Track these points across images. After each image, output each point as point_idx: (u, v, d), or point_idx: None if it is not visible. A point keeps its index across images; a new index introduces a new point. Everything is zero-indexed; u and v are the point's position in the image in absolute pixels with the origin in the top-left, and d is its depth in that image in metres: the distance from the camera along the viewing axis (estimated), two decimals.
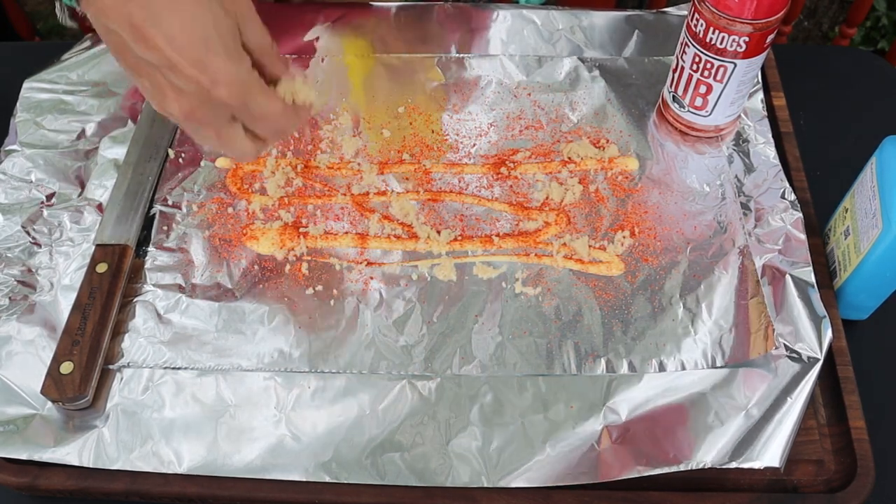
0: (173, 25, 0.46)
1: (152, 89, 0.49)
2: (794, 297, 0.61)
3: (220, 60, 0.47)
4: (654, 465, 0.54)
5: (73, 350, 0.58)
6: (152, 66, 0.47)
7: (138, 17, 0.46)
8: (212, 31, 0.47)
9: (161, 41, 0.46)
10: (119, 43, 0.47)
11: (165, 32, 0.46)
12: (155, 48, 0.46)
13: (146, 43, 0.46)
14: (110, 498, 0.56)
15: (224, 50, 0.47)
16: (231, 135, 0.51)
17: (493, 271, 0.64)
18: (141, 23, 0.46)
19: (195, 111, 0.48)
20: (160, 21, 0.46)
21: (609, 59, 0.77)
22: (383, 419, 0.57)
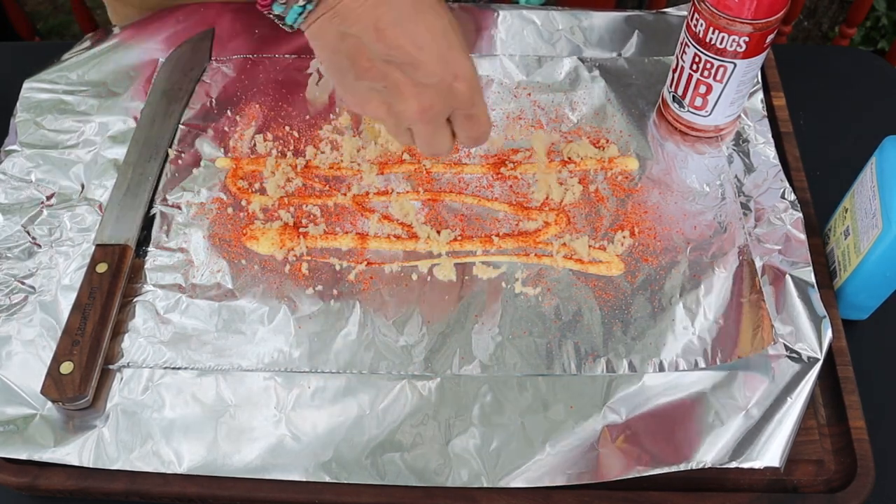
0: (419, 25, 0.50)
1: (388, 87, 0.52)
2: (794, 297, 0.61)
3: (461, 56, 0.52)
4: (654, 465, 0.54)
5: (73, 350, 0.58)
6: (391, 65, 0.51)
7: (385, 20, 0.50)
8: (450, 30, 0.52)
9: (406, 40, 0.50)
10: (355, 47, 0.51)
11: (411, 32, 0.50)
12: (399, 47, 0.50)
13: (389, 43, 0.50)
14: (110, 498, 0.56)
15: (462, 48, 0.52)
16: (443, 133, 0.55)
17: (493, 271, 0.64)
18: (387, 25, 0.50)
19: (433, 106, 0.52)
20: (405, 22, 0.50)
21: (609, 59, 0.78)
22: (383, 419, 0.57)
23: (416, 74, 0.51)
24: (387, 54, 0.50)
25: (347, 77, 0.53)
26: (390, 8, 0.50)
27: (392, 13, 0.50)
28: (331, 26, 0.51)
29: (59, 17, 1.88)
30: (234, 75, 0.76)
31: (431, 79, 0.51)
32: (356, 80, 0.53)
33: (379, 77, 0.52)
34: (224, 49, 0.78)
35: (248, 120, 0.73)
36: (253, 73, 0.76)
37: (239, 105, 0.74)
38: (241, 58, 0.78)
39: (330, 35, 0.51)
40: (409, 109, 0.52)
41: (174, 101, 0.74)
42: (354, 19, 0.50)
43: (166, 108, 0.73)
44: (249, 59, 0.77)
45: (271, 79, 0.76)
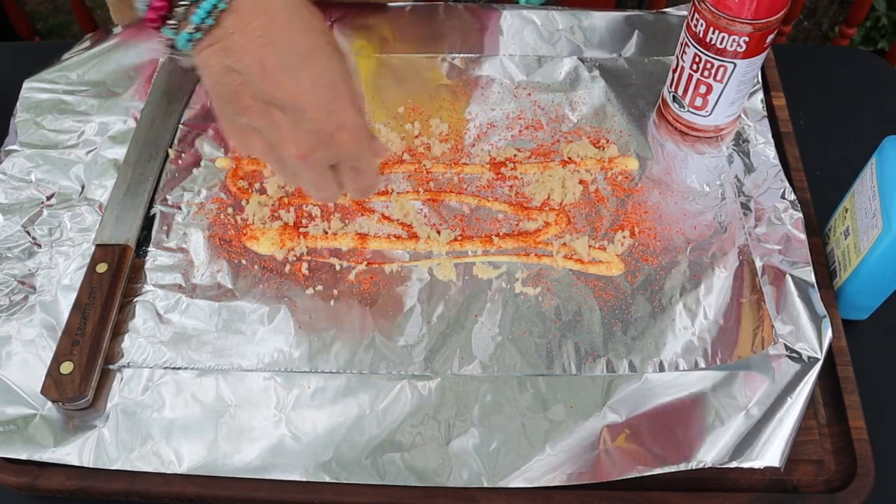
0: (305, 72, 0.49)
1: (268, 130, 0.51)
2: (795, 297, 0.61)
3: (347, 108, 0.51)
4: (654, 465, 0.54)
5: (73, 350, 0.58)
6: (274, 106, 0.50)
7: (273, 62, 0.48)
8: (340, 82, 0.51)
9: (292, 85, 0.49)
10: (237, 83, 0.49)
11: (296, 78, 0.49)
12: (282, 90, 0.49)
13: (275, 85, 0.49)
14: (110, 498, 0.56)
15: (350, 99, 0.51)
16: (327, 180, 0.54)
17: (493, 271, 0.64)
18: (273, 66, 0.48)
19: (312, 152, 0.51)
20: (292, 67, 0.49)
21: (609, 59, 0.77)
22: (383, 419, 0.57)
23: (298, 120, 0.50)
24: (270, 96, 0.49)
25: (229, 111, 0.52)
26: (279, 51, 0.49)
27: (280, 56, 0.49)
28: (217, 58, 0.49)
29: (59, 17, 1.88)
30: None
31: (312, 126, 0.50)
32: (237, 115, 0.51)
33: (259, 117, 0.50)
34: None
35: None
36: None
37: None
38: None
39: (216, 67, 0.50)
40: (289, 153, 0.51)
41: (174, 101, 0.74)
42: (240, 55, 0.49)
43: (166, 108, 0.73)
44: None
45: None
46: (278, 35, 0.49)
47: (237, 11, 0.48)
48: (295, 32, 0.49)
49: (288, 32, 0.49)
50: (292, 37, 0.49)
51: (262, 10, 0.48)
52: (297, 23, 0.50)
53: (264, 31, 0.48)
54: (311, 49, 0.50)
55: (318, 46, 0.50)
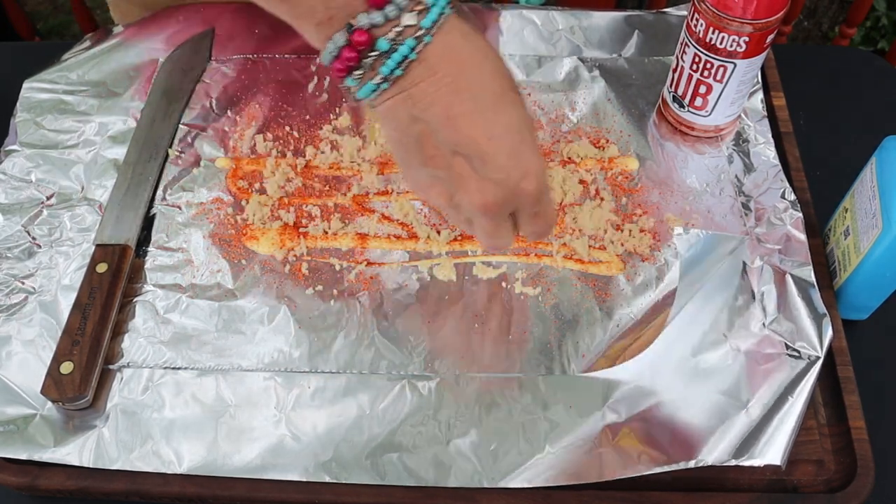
0: (494, 118, 0.48)
1: (451, 177, 0.49)
2: (795, 297, 0.61)
3: (532, 154, 0.49)
4: (654, 465, 0.54)
5: (73, 350, 0.58)
6: (459, 156, 0.48)
7: (459, 109, 0.47)
8: (526, 128, 0.49)
9: (478, 133, 0.47)
10: (424, 132, 0.48)
11: (484, 125, 0.47)
12: (469, 138, 0.47)
13: (460, 133, 0.47)
14: (110, 498, 0.56)
15: (534, 145, 0.49)
16: (505, 229, 0.52)
17: (493, 271, 0.64)
18: (460, 114, 0.47)
19: (497, 202, 0.49)
20: (480, 113, 0.47)
21: (609, 59, 0.78)
22: (383, 419, 0.57)
23: (483, 169, 0.48)
24: (456, 144, 0.48)
25: (412, 161, 0.51)
26: (466, 98, 0.47)
27: (467, 103, 0.47)
28: (403, 108, 0.48)
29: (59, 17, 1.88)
30: (234, 75, 0.76)
31: (499, 175, 0.48)
32: (421, 165, 0.50)
33: (444, 166, 0.49)
34: (224, 49, 0.78)
35: (248, 120, 0.73)
36: (253, 73, 0.76)
37: (239, 105, 0.74)
38: (241, 58, 0.78)
39: (401, 116, 0.49)
40: (472, 203, 0.49)
41: (174, 101, 0.74)
42: (427, 104, 0.47)
43: (166, 108, 0.73)
44: (249, 59, 0.77)
45: (271, 79, 0.76)
46: (466, 83, 0.47)
47: (426, 60, 0.47)
48: (484, 79, 0.48)
49: (477, 79, 0.48)
50: (481, 84, 0.48)
51: (451, 58, 0.47)
52: (487, 69, 0.48)
53: (453, 78, 0.47)
54: (498, 95, 0.48)
55: (504, 92, 0.49)
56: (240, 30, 0.79)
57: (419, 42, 0.46)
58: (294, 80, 0.76)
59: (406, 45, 0.46)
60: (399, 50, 0.46)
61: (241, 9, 0.80)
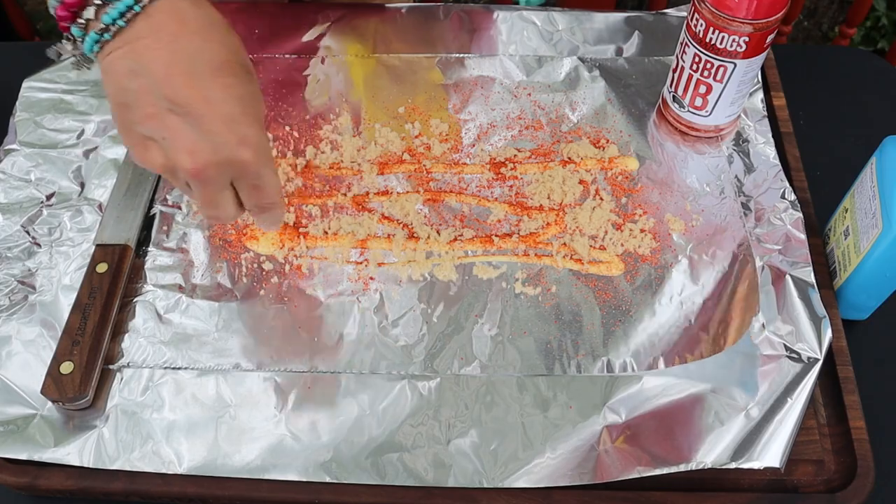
0: (214, 82, 0.48)
1: (165, 136, 0.49)
2: (795, 297, 0.61)
3: (252, 125, 0.49)
4: (654, 466, 0.54)
5: (73, 350, 0.58)
6: (175, 115, 0.48)
7: (180, 68, 0.47)
8: (248, 98, 0.50)
9: (196, 92, 0.47)
10: (143, 88, 0.48)
11: (203, 86, 0.48)
12: (186, 98, 0.47)
13: (177, 90, 0.47)
14: (110, 498, 0.56)
15: (256, 116, 0.50)
16: (224, 198, 0.52)
17: (493, 271, 0.64)
18: (181, 72, 0.47)
19: (208, 168, 0.49)
20: (202, 76, 0.48)
21: (609, 59, 0.78)
22: (383, 419, 0.57)
23: (198, 130, 0.48)
24: (172, 102, 0.48)
25: (130, 118, 0.49)
26: (189, 58, 0.48)
27: (189, 63, 0.48)
28: (123, 62, 0.48)
29: None
30: None
31: (213, 138, 0.48)
32: (137, 124, 0.49)
33: (160, 126, 0.48)
34: None
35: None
36: None
37: None
38: None
39: (121, 71, 0.48)
40: (184, 165, 0.49)
41: None
42: (149, 59, 0.47)
43: None
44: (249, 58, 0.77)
45: (271, 79, 0.76)
46: (190, 43, 0.48)
47: (150, 17, 0.47)
48: (207, 43, 0.49)
49: (200, 42, 0.48)
50: (204, 46, 0.48)
51: (176, 18, 0.48)
52: (213, 36, 0.49)
53: (176, 37, 0.48)
54: (222, 62, 0.49)
55: (229, 61, 0.49)
56: (240, 30, 0.79)
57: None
58: (294, 80, 0.76)
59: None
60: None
61: (241, 9, 0.80)
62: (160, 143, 0.49)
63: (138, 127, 0.49)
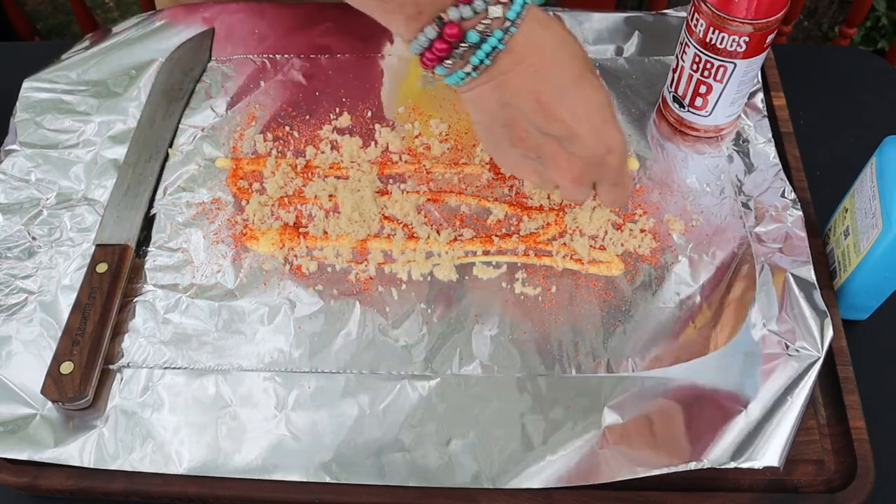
0: (578, 99, 0.52)
1: (542, 156, 0.55)
2: (795, 297, 0.61)
3: (614, 130, 0.54)
4: (653, 466, 0.54)
5: (73, 350, 0.58)
6: (547, 137, 0.53)
7: (546, 96, 0.52)
8: (605, 106, 0.54)
9: (566, 115, 0.52)
10: (513, 117, 0.53)
11: (570, 106, 0.52)
12: (558, 121, 0.52)
13: (549, 116, 0.52)
14: (110, 498, 0.56)
15: (614, 120, 0.54)
16: (587, 191, 0.58)
17: (494, 271, 0.64)
18: (548, 99, 0.52)
19: (584, 175, 0.55)
20: (565, 96, 0.52)
21: (609, 59, 0.78)
22: (383, 419, 0.57)
23: (571, 147, 0.53)
24: (545, 127, 0.52)
25: (502, 143, 0.55)
26: (552, 82, 0.51)
27: (553, 87, 0.51)
28: (492, 95, 0.52)
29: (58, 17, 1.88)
30: (234, 75, 0.76)
31: (586, 152, 0.53)
32: (510, 146, 0.55)
33: (534, 147, 0.54)
34: (224, 49, 0.78)
35: (249, 120, 0.73)
36: (253, 73, 0.76)
37: (239, 105, 0.74)
38: (241, 58, 0.78)
39: (490, 102, 0.53)
40: (562, 178, 0.55)
41: (174, 101, 0.74)
42: (515, 91, 0.52)
43: (166, 108, 0.73)
44: (249, 58, 0.77)
45: (271, 79, 0.76)
46: (549, 69, 0.52)
47: (512, 51, 0.51)
48: (564, 64, 0.52)
49: (558, 65, 0.52)
50: (562, 69, 0.52)
51: (534, 47, 0.51)
52: (565, 53, 0.53)
53: (537, 66, 0.51)
54: (578, 77, 0.53)
55: (583, 74, 0.53)
56: (240, 30, 0.79)
57: (506, 33, 0.50)
58: (294, 80, 0.76)
59: (494, 36, 0.50)
60: (488, 41, 0.50)
61: (241, 9, 0.80)
62: (534, 161, 0.56)
63: (512, 148, 0.56)
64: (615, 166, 0.55)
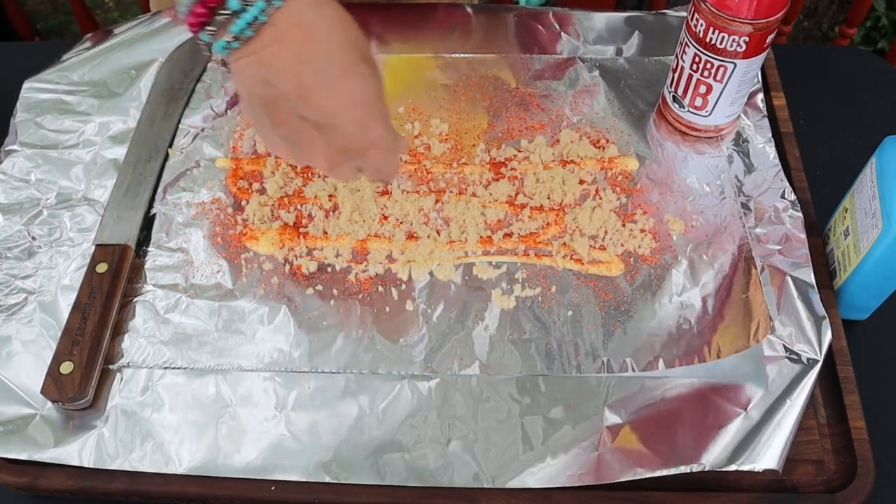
0: (343, 91, 0.50)
1: (299, 141, 0.52)
2: (794, 298, 0.61)
3: (380, 126, 0.52)
4: (653, 468, 0.54)
5: (73, 350, 0.58)
6: (307, 121, 0.51)
7: (309, 80, 0.49)
8: (374, 99, 0.51)
9: (328, 103, 0.50)
10: (273, 96, 0.50)
11: (333, 95, 0.49)
12: (318, 108, 0.50)
13: (310, 102, 0.49)
14: (110, 498, 0.56)
15: (382, 116, 0.52)
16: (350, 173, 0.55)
17: (494, 271, 0.64)
18: (310, 84, 0.49)
19: (342, 165, 0.53)
20: (331, 85, 0.49)
21: (609, 59, 0.78)
22: (383, 419, 0.57)
23: (330, 136, 0.51)
24: (305, 112, 0.50)
25: (264, 121, 0.52)
26: (316, 68, 0.49)
27: (317, 72, 0.49)
28: (254, 70, 0.49)
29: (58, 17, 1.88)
30: None
31: (346, 144, 0.51)
32: (272, 127, 0.52)
33: (293, 131, 0.51)
34: None
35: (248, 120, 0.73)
36: None
37: (239, 105, 0.74)
38: None
39: (253, 79, 0.50)
40: (319, 166, 0.53)
41: (174, 101, 0.74)
42: (277, 70, 0.49)
43: (166, 108, 0.73)
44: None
45: None
46: (315, 52, 0.49)
47: (275, 26, 0.48)
48: (332, 49, 0.49)
49: (325, 49, 0.49)
50: (330, 54, 0.49)
51: (299, 25, 0.48)
52: (335, 39, 0.50)
53: (300, 46, 0.48)
54: (347, 66, 0.50)
55: (354, 63, 0.50)
56: None
57: (269, 4, 0.47)
58: None
59: (256, 6, 0.47)
60: (249, 11, 0.47)
61: None
62: (294, 144, 0.53)
63: (272, 130, 0.52)
64: (377, 160, 0.53)
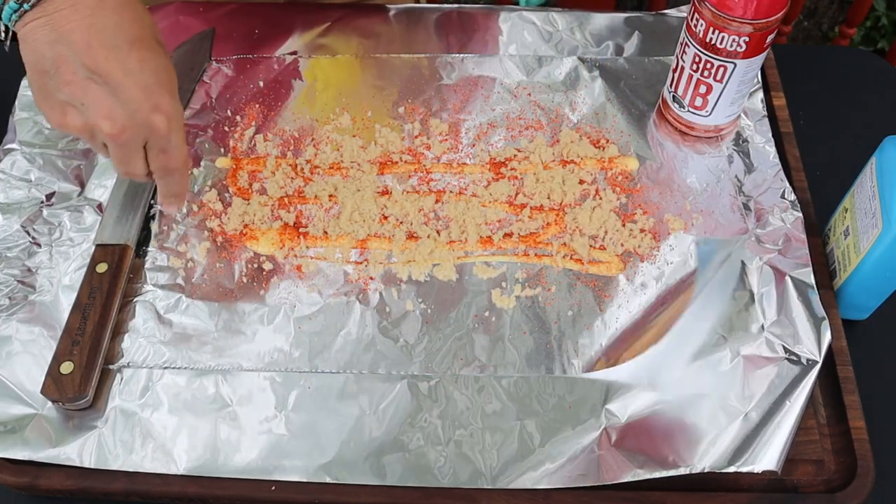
0: (131, 58, 0.52)
1: (85, 102, 0.52)
2: (794, 299, 0.61)
3: (166, 95, 0.53)
4: (652, 469, 0.54)
5: (73, 350, 0.58)
6: (94, 83, 0.51)
7: (99, 40, 0.51)
8: (164, 71, 0.54)
9: (116, 62, 0.51)
10: (62, 57, 0.51)
11: (123, 58, 0.51)
12: (108, 66, 0.51)
13: (97, 62, 0.51)
14: (110, 498, 0.56)
15: (171, 87, 0.54)
16: (136, 158, 0.55)
17: (493, 271, 0.64)
18: (101, 44, 0.51)
19: (125, 131, 0.53)
20: (120, 48, 0.51)
21: (609, 59, 0.77)
22: (383, 419, 0.57)
23: (116, 97, 0.52)
24: (93, 71, 0.51)
25: (49, 85, 0.52)
26: (106, 32, 0.51)
27: (107, 36, 0.51)
28: (43, 31, 0.51)
29: None
30: (234, 75, 0.76)
31: (131, 105, 0.52)
32: (56, 90, 0.52)
33: (80, 92, 0.52)
34: (224, 49, 0.78)
35: (248, 120, 0.73)
36: (253, 73, 0.76)
37: (239, 105, 0.74)
38: (241, 58, 0.78)
39: (41, 39, 0.51)
40: (104, 128, 0.52)
41: None
42: (69, 30, 0.50)
43: None
44: (249, 59, 0.77)
45: (271, 79, 0.76)
46: (107, 18, 0.51)
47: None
48: (123, 19, 0.52)
49: (117, 18, 0.52)
50: (121, 22, 0.52)
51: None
52: (128, 13, 0.52)
53: (94, 11, 0.51)
54: (137, 37, 0.52)
55: (144, 36, 0.53)
56: (240, 30, 0.79)
57: None
58: (294, 80, 0.76)
59: None
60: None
61: (241, 9, 0.80)
62: (79, 108, 0.52)
63: (58, 93, 0.52)
64: (162, 127, 0.53)
